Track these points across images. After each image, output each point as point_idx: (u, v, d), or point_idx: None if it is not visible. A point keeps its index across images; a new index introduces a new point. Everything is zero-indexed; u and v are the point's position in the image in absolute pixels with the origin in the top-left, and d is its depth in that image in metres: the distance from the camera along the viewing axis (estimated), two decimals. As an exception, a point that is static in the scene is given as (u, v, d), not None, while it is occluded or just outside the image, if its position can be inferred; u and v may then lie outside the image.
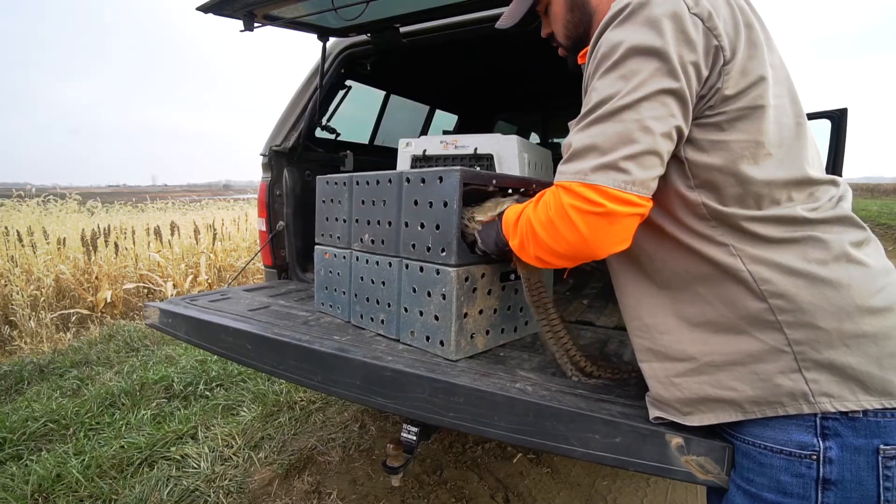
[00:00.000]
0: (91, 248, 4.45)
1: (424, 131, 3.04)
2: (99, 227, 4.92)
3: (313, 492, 1.77)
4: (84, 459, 1.88)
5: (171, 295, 4.48)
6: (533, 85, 2.80)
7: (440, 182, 0.98)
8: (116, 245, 4.80)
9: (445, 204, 0.96)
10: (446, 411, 0.87)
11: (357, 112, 2.48)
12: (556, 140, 4.02)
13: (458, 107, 3.31)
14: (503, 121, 3.76)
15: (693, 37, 0.57)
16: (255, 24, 1.51)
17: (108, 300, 4.25)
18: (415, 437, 1.13)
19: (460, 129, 3.38)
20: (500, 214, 0.85)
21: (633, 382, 0.88)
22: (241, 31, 1.54)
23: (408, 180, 1.05)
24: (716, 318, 0.64)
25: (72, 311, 4.02)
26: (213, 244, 5.67)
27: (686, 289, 0.66)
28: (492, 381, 0.87)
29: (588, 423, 0.74)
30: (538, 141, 4.05)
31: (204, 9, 1.50)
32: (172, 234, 5.35)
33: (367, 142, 2.56)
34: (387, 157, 2.26)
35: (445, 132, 3.50)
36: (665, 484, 1.80)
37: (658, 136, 0.57)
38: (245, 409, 2.35)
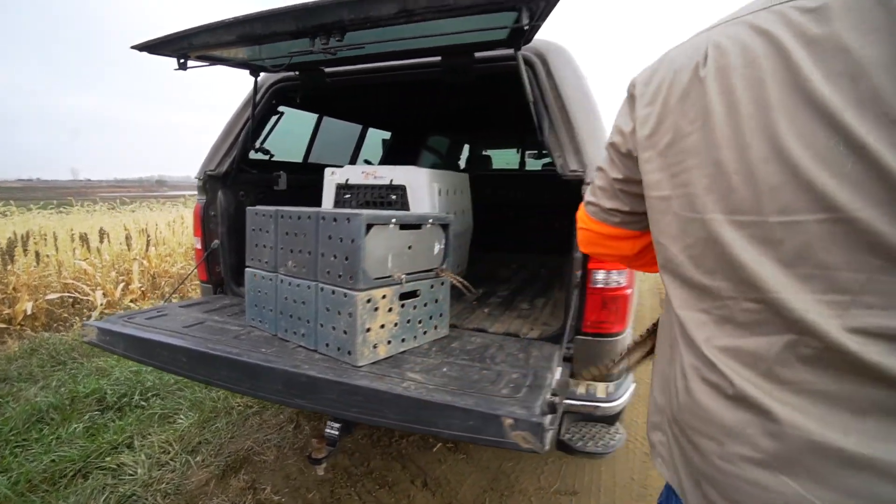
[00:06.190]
0: (7, 256, 4.23)
1: (358, 148, 3.23)
2: (16, 234, 4.66)
3: (248, 489, 1.94)
4: (11, 476, 1.92)
5: (101, 304, 4.36)
6: (461, 104, 3.06)
7: (348, 222, 1.20)
8: (37, 253, 4.58)
9: (353, 241, 1.19)
10: (350, 407, 1.10)
11: (291, 131, 2.62)
12: (486, 153, 4.34)
13: (391, 125, 3.52)
14: (436, 135, 4.01)
15: (624, 106, 0.65)
16: (189, 65, 1.66)
17: (29, 312, 4.07)
18: (337, 432, 1.35)
19: (394, 145, 3.60)
20: None
21: (492, 379, 1.15)
22: (175, 69, 1.68)
23: (323, 218, 1.27)
24: (662, 370, 0.65)
25: (-13, 324, 3.83)
26: (147, 250, 5.51)
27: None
28: (385, 382, 1.11)
29: (451, 412, 1.00)
30: (472, 152, 4.34)
31: (139, 48, 1.63)
32: (102, 241, 5.17)
33: (300, 160, 2.72)
34: (320, 174, 2.44)
35: (384, 141, 3.71)
36: (559, 463, 2.13)
37: (598, 174, 0.73)
38: (182, 416, 2.44)
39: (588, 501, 1.90)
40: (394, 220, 1.25)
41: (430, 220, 1.36)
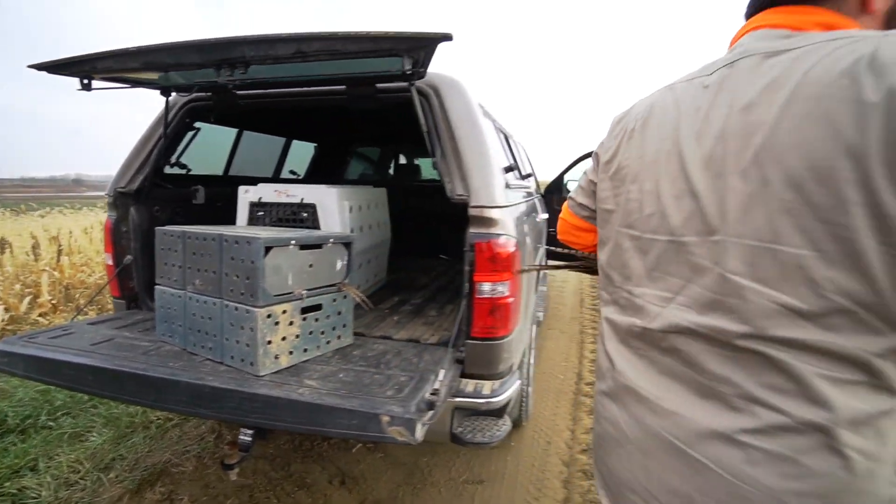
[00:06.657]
0: None
1: (282, 158, 3.28)
2: None
3: (165, 500, 1.96)
4: None
5: (3, 319, 4.07)
6: (381, 120, 3.19)
7: (248, 245, 1.31)
8: (-75, 266, 4.19)
9: (252, 262, 1.30)
10: (250, 413, 1.21)
11: (211, 144, 2.64)
12: (417, 161, 4.49)
13: (315, 139, 3.59)
14: (362, 146, 4.11)
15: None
16: (94, 86, 1.68)
17: (-84, 331, 3.73)
18: (250, 438, 1.44)
19: (320, 156, 3.67)
20: None
21: (382, 382, 1.31)
22: (79, 90, 1.69)
23: (226, 241, 1.36)
24: None
25: None
26: (59, 259, 5.16)
27: None
28: (282, 389, 1.23)
29: (339, 413, 1.14)
30: (397, 161, 4.45)
31: (37, 67, 1.63)
32: (3, 251, 4.79)
33: (221, 173, 2.74)
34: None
35: (316, 148, 3.76)
36: (470, 456, 2.33)
37: (582, 176, 0.90)
38: (95, 433, 2.39)
39: (493, 488, 2.11)
40: (293, 242, 1.37)
41: (331, 240, 1.50)
